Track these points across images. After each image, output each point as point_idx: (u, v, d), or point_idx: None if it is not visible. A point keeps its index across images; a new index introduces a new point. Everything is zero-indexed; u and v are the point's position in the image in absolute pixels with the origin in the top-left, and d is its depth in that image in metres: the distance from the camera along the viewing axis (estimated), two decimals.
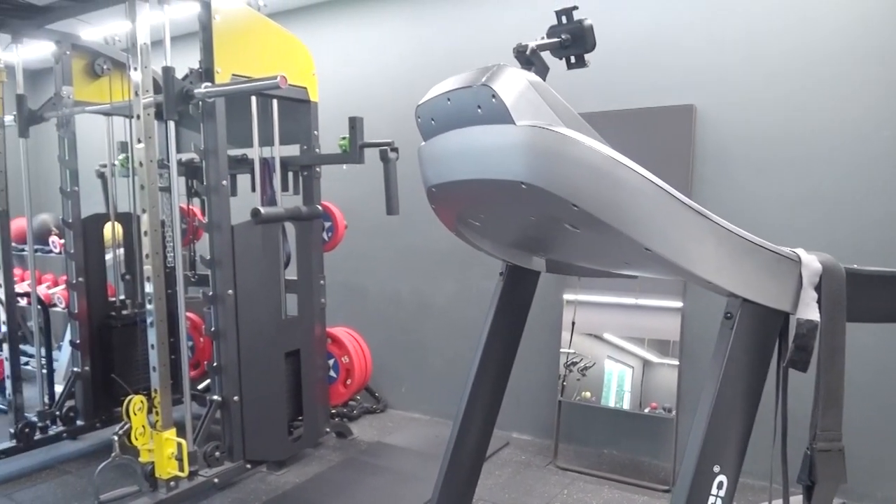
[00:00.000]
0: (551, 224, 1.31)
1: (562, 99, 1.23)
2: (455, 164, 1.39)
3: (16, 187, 3.19)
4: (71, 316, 3.40)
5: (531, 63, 1.37)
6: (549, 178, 1.15)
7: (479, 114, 1.28)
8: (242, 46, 2.87)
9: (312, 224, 3.19)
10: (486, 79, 1.24)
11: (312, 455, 3.23)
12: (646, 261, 1.19)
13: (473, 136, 1.31)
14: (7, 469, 3.15)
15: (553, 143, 1.15)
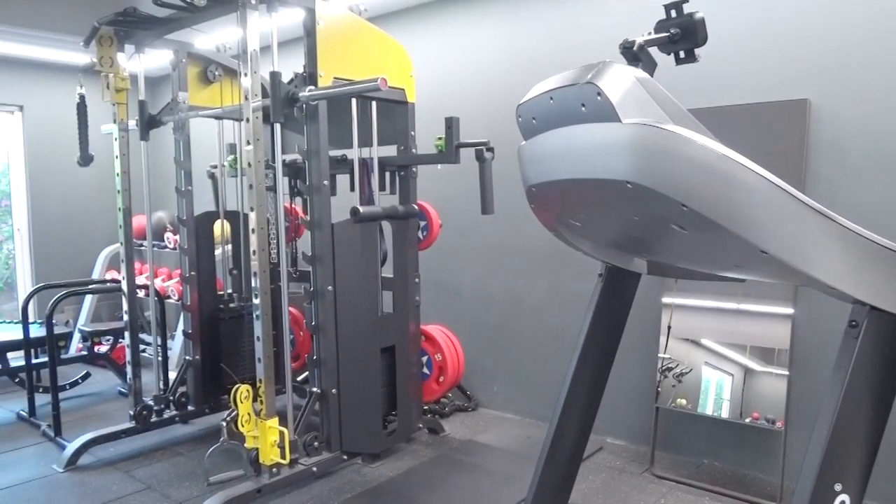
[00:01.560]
0: (656, 225, 1.27)
1: (671, 95, 1.19)
2: (556, 164, 1.38)
3: (136, 187, 3.43)
4: (184, 307, 3.62)
5: (638, 59, 1.33)
6: (658, 178, 1.12)
7: (582, 112, 1.26)
8: (344, 50, 2.96)
9: (408, 223, 3.24)
10: (592, 76, 1.22)
11: (405, 450, 3.28)
12: (760, 264, 1.13)
13: (577, 135, 1.29)
14: (126, 448, 3.40)
15: (662, 141, 1.12)
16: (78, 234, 5.81)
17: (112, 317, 5.73)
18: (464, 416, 3.80)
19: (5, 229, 5.76)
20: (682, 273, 1.69)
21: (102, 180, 5.75)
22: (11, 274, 5.81)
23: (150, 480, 3.04)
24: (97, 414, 4.07)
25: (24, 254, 5.71)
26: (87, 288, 4.87)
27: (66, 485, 3.02)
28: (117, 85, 3.31)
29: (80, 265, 5.69)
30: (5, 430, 3.81)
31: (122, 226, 3.38)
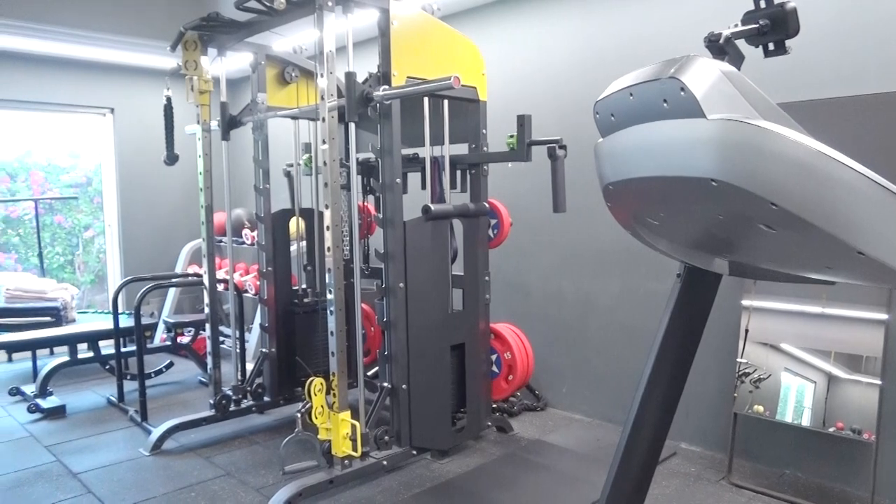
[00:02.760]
0: (742, 224, 1.23)
1: (759, 89, 1.14)
2: (636, 161, 1.35)
3: (217, 185, 3.58)
4: (261, 301, 3.74)
5: (724, 53, 1.28)
6: (745, 175, 1.08)
7: (664, 108, 1.23)
8: (417, 49, 2.99)
9: (479, 221, 3.25)
10: (675, 71, 1.19)
11: (474, 447, 3.29)
12: (855, 265, 1.07)
13: (658, 132, 1.25)
14: (207, 435, 3.55)
15: (750, 136, 1.08)
16: (162, 230, 6.10)
17: (193, 309, 6.00)
18: (532, 415, 3.77)
19: (97, 225, 6.11)
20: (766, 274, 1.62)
21: (185, 179, 6.02)
22: (102, 267, 6.16)
23: (228, 467, 3.16)
24: (179, 401, 4.26)
25: (113, 248, 6.05)
26: (172, 281, 5.10)
27: (152, 468, 3.18)
28: (201, 87, 3.46)
29: (165, 259, 5.99)
30: (97, 414, 4.04)
31: (204, 222, 3.53)
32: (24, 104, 5.45)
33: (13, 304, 4.72)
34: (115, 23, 5.03)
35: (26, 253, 5.76)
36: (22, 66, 5.32)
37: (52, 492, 2.94)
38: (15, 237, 5.75)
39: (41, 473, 3.14)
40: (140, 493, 2.89)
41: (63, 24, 4.78)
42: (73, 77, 5.59)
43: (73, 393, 4.45)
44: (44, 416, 3.98)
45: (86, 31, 4.90)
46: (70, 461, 3.28)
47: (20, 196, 5.71)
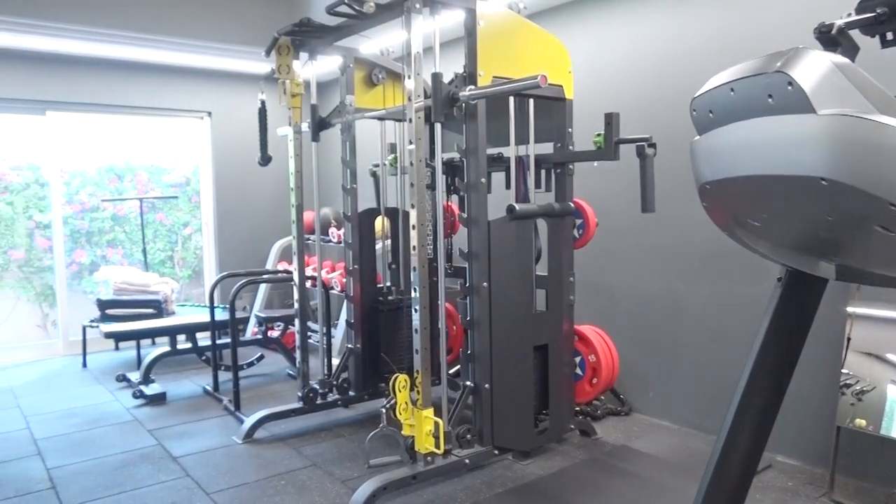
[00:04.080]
0: (853, 225, 1.15)
1: (876, 82, 1.07)
2: (737, 159, 1.29)
3: (306, 185, 3.69)
4: (347, 298, 3.84)
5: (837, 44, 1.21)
6: (860, 174, 1.01)
7: (769, 104, 1.17)
8: (503, 49, 2.98)
9: (564, 221, 3.20)
10: (781, 64, 1.13)
11: (556, 450, 3.25)
12: None
13: (762, 128, 1.20)
14: (294, 426, 3.68)
15: (866, 132, 1.01)
16: (254, 228, 6.37)
17: (282, 304, 6.23)
18: (616, 420, 3.69)
19: (195, 223, 6.45)
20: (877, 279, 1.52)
21: (276, 179, 6.26)
22: (199, 263, 6.50)
23: (315, 458, 3.26)
24: (269, 393, 4.43)
25: (209, 245, 6.37)
26: (264, 277, 5.32)
27: (244, 455, 3.32)
28: (293, 90, 3.58)
29: (256, 256, 6.24)
30: (194, 402, 4.27)
31: (294, 221, 3.66)
32: (132, 109, 5.83)
33: (120, 296, 5.06)
34: (214, 31, 5.29)
35: (131, 248, 6.15)
36: (131, 74, 5.68)
37: (154, 473, 3.12)
38: (121, 234, 6.14)
39: (144, 455, 3.34)
40: (234, 479, 3.03)
41: (169, 33, 5.08)
42: (175, 83, 5.92)
43: (173, 381, 4.72)
44: (146, 402, 4.24)
45: (188, 39, 5.19)
46: (170, 445, 3.47)
47: (126, 195, 6.10)
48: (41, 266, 5.74)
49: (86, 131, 5.86)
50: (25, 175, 5.63)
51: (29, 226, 5.68)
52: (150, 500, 2.84)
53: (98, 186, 5.99)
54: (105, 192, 6.02)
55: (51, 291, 5.75)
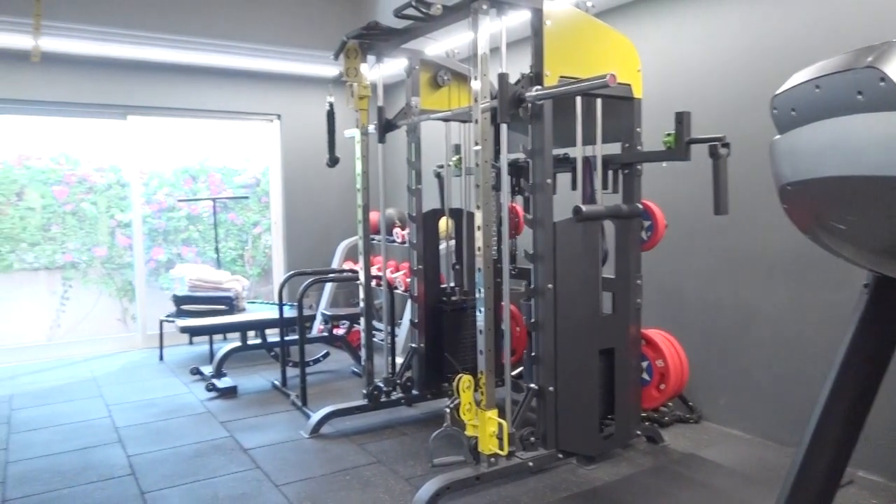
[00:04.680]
0: None
1: None
2: (822, 159, 1.24)
3: (372, 185, 3.75)
4: (412, 298, 3.88)
5: None
6: None
7: (859, 101, 1.12)
8: (570, 48, 2.95)
9: (632, 223, 3.14)
10: (873, 59, 1.07)
11: (622, 455, 3.19)
12: None
13: (850, 127, 1.14)
14: (359, 423, 3.74)
15: None
16: (321, 228, 6.52)
17: (347, 303, 6.34)
18: (685, 427, 3.59)
19: (264, 222, 6.64)
20: None
21: (342, 180, 6.39)
22: (268, 261, 6.69)
23: (379, 455, 3.31)
24: (334, 389, 4.53)
25: (278, 244, 6.55)
26: (330, 276, 5.43)
27: (311, 450, 3.40)
28: (360, 93, 3.64)
29: (322, 255, 6.38)
30: (263, 396, 4.40)
31: (360, 221, 3.72)
32: (206, 112, 6.06)
33: (194, 292, 5.26)
34: (284, 36, 5.44)
35: (204, 247, 6.39)
36: (205, 79, 5.91)
37: (226, 464, 3.23)
38: (195, 232, 6.39)
39: (217, 446, 3.47)
40: (301, 472, 3.11)
41: (242, 39, 5.26)
42: (247, 87, 6.12)
43: (243, 375, 4.88)
44: (219, 395, 4.40)
45: (259, 44, 5.35)
46: (241, 437, 3.59)
47: (200, 196, 6.35)
48: (122, 263, 6.03)
49: (163, 134, 6.13)
50: (108, 176, 5.94)
51: (111, 224, 5.98)
52: (222, 489, 2.94)
53: (174, 187, 6.25)
54: (180, 192, 6.28)
55: (130, 287, 6.04)
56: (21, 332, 5.63)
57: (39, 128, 5.66)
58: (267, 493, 2.90)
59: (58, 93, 5.37)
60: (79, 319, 5.89)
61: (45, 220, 5.74)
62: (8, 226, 5.59)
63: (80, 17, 4.65)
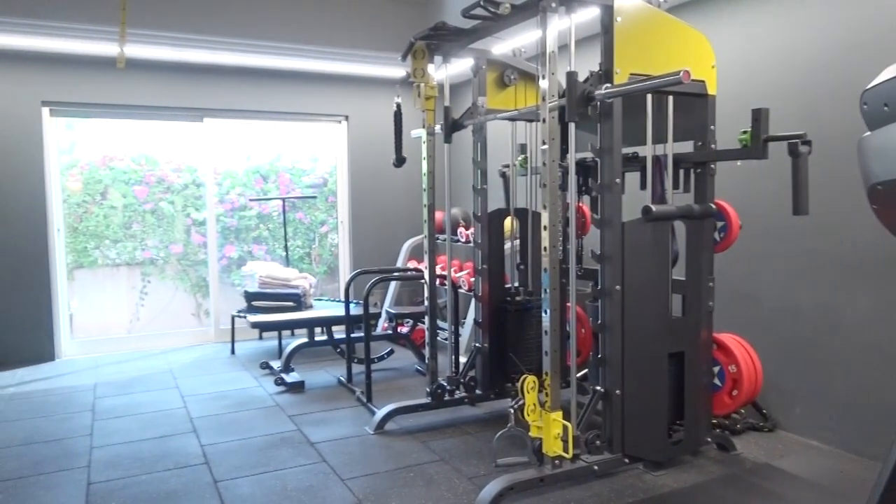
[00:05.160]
0: None
1: None
2: None
3: (437, 185, 3.77)
4: (476, 298, 3.88)
5: None
6: None
7: None
8: (641, 45, 2.89)
9: (704, 223, 3.05)
10: None
11: (691, 463, 3.11)
12: None
13: None
14: (423, 421, 3.77)
15: None
16: (386, 227, 6.61)
17: (410, 301, 6.40)
18: (758, 436, 3.46)
19: (331, 221, 6.79)
20: None
21: (407, 180, 6.46)
22: (334, 260, 6.83)
23: (443, 453, 3.33)
24: (398, 387, 4.58)
25: (344, 243, 6.68)
26: (396, 275, 5.49)
27: (376, 446, 3.45)
28: (427, 93, 3.67)
29: (387, 254, 6.47)
30: (329, 391, 4.49)
31: (426, 220, 3.75)
32: (277, 114, 6.24)
33: (264, 289, 5.42)
34: (352, 39, 5.55)
35: (273, 245, 6.58)
36: (277, 82, 6.09)
37: (293, 456, 3.32)
38: (265, 231, 6.59)
39: (285, 439, 3.57)
40: (366, 468, 3.16)
41: (312, 42, 5.39)
42: (316, 89, 6.27)
43: (310, 371, 4.99)
44: (287, 389, 4.52)
45: (329, 47, 5.48)
46: (308, 431, 3.68)
47: (270, 195, 6.54)
48: (196, 260, 6.28)
49: (236, 136, 6.34)
50: (184, 176, 6.19)
51: (186, 223, 6.24)
52: (290, 481, 3.02)
53: (245, 187, 6.46)
54: (251, 192, 6.48)
55: (204, 283, 6.28)
56: (104, 325, 5.94)
57: (122, 130, 5.96)
58: (333, 487, 2.96)
59: (139, 97, 5.64)
60: (156, 313, 6.16)
61: (126, 218, 6.04)
62: (93, 223, 5.91)
63: (161, 25, 4.87)
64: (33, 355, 5.40)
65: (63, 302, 5.63)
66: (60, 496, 2.91)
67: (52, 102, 5.40)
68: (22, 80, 5.26)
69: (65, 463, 3.28)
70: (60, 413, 4.08)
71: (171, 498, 2.88)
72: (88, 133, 5.86)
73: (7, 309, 5.29)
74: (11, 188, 5.27)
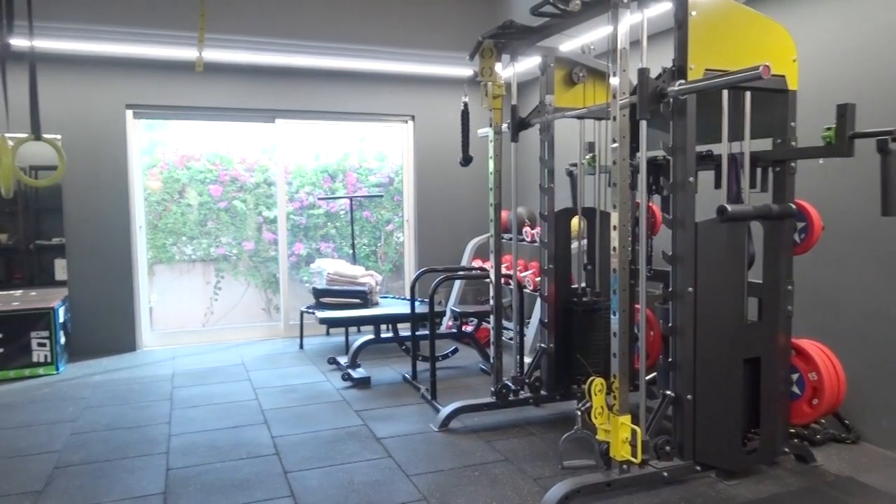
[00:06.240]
0: None
1: None
2: None
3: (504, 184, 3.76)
4: (542, 298, 3.85)
5: None
6: None
7: None
8: (717, 39, 2.79)
9: (783, 224, 2.93)
10: None
11: (767, 473, 2.99)
12: None
13: None
14: (487, 420, 3.77)
15: None
16: (451, 226, 6.64)
17: (474, 300, 6.41)
18: (839, 447, 3.30)
19: (396, 220, 6.87)
20: None
21: (473, 179, 6.46)
22: (399, 258, 6.91)
23: (507, 453, 3.31)
24: (462, 385, 4.59)
25: (410, 241, 6.74)
26: (460, 274, 5.51)
27: (440, 443, 3.47)
28: (494, 92, 3.66)
29: (452, 252, 6.50)
30: (394, 388, 4.55)
31: (492, 220, 3.74)
32: (345, 115, 6.35)
33: (332, 286, 5.54)
34: (419, 39, 5.60)
35: (341, 243, 6.72)
36: (345, 83, 6.20)
37: (360, 451, 3.38)
38: (332, 229, 6.73)
39: (352, 434, 3.63)
40: (431, 465, 3.18)
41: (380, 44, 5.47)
42: (383, 90, 6.35)
43: (376, 367, 5.07)
44: (353, 385, 4.60)
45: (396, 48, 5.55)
46: (374, 426, 3.74)
47: (338, 194, 6.67)
48: (267, 256, 6.47)
49: (305, 136, 6.50)
50: (256, 176, 6.39)
51: (258, 221, 6.44)
52: (357, 475, 3.08)
53: (314, 186, 6.61)
54: (320, 191, 6.63)
55: (274, 280, 6.47)
56: (180, 317, 6.20)
57: (198, 131, 6.21)
58: (399, 483, 2.99)
59: (215, 99, 5.85)
60: (229, 308, 6.39)
61: (201, 215, 6.28)
62: (171, 221, 6.17)
63: (238, 29, 5.04)
64: (117, 345, 5.69)
65: (144, 295, 5.91)
66: (142, 480, 3.06)
67: (135, 105, 5.68)
68: (108, 85, 5.54)
69: (145, 448, 3.45)
70: (142, 401, 4.29)
71: (244, 486, 2.98)
72: (167, 134, 6.13)
73: (95, 301, 5.59)
74: (99, 188, 5.56)
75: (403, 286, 6.77)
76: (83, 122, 5.48)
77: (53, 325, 4.96)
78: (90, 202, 5.55)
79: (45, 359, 4.96)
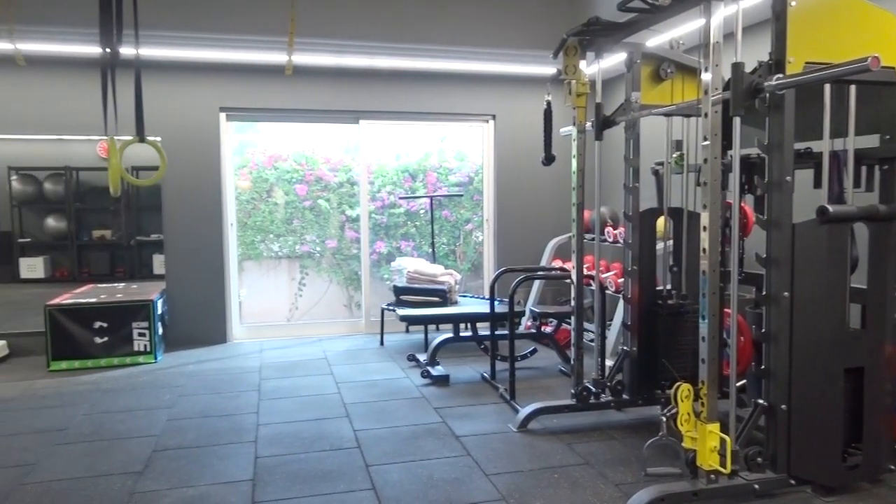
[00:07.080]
0: None
1: None
2: None
3: (587, 183, 3.70)
4: (625, 300, 3.76)
5: None
6: None
7: None
8: (818, 30, 2.65)
9: (892, 226, 2.74)
10: None
11: (869, 491, 2.81)
12: None
13: None
14: (567, 422, 3.72)
15: None
16: (531, 225, 6.58)
17: (554, 301, 6.34)
18: None
19: (475, 219, 6.88)
20: None
21: (554, 178, 6.38)
22: (478, 257, 6.92)
23: (588, 457, 3.26)
24: (541, 386, 4.55)
25: (489, 241, 6.74)
26: (541, 274, 5.47)
27: (519, 444, 3.45)
28: (578, 90, 3.60)
29: (531, 252, 6.44)
30: (473, 387, 4.56)
31: (575, 219, 3.69)
32: (426, 115, 6.43)
33: (412, 284, 5.61)
34: (500, 38, 5.59)
35: (420, 242, 6.80)
36: (426, 84, 6.27)
37: (438, 448, 3.40)
38: (412, 228, 6.82)
39: (431, 430, 3.67)
40: (510, 465, 3.17)
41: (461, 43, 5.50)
42: (464, 90, 6.38)
43: (454, 365, 5.10)
44: (432, 382, 4.65)
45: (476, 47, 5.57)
46: (453, 424, 3.76)
47: (418, 194, 6.75)
48: (349, 254, 6.64)
49: (387, 136, 6.62)
50: (340, 175, 6.55)
51: (341, 219, 6.60)
52: (436, 472, 3.10)
53: (395, 185, 6.72)
54: (400, 190, 6.73)
55: (356, 277, 6.62)
56: (267, 312, 6.45)
57: (286, 132, 6.43)
58: (478, 481, 3.00)
59: (303, 101, 6.04)
60: (312, 304, 6.59)
61: (287, 214, 6.51)
62: (259, 219, 6.43)
63: (325, 33, 5.19)
64: (209, 337, 5.98)
65: (234, 290, 6.19)
66: (232, 466, 3.20)
67: (228, 108, 5.94)
68: (203, 89, 5.82)
69: (235, 437, 3.60)
70: (232, 391, 4.49)
71: (328, 477, 3.06)
72: (256, 136, 6.38)
73: (189, 295, 5.89)
74: (195, 187, 5.86)
75: (482, 286, 6.78)
76: (180, 125, 5.78)
77: (152, 316, 5.27)
78: (187, 201, 5.86)
79: (145, 348, 5.28)
